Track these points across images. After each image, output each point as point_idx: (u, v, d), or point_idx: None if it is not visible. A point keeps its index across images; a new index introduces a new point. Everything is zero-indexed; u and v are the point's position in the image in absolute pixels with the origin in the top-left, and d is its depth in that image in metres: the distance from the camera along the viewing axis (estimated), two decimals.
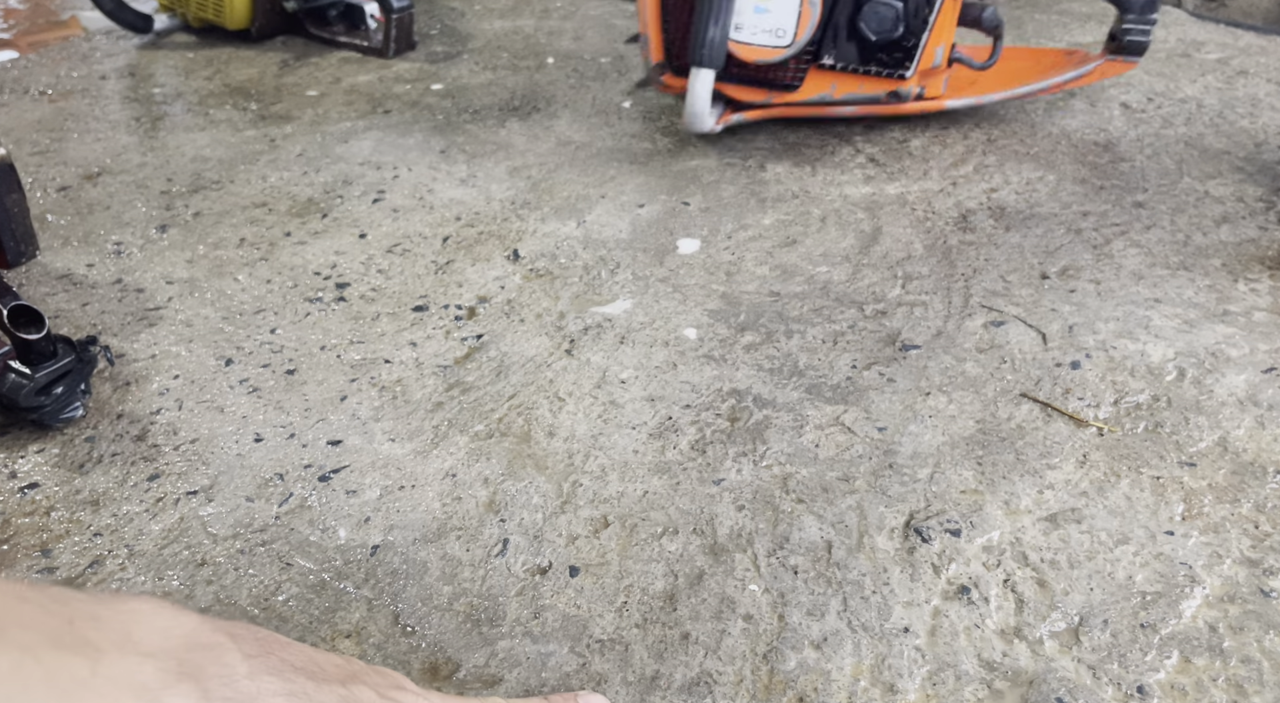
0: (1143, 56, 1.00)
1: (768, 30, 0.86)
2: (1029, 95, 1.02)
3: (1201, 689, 0.50)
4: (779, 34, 0.86)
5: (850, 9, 0.88)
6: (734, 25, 0.87)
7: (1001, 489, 0.62)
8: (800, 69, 0.94)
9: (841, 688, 0.50)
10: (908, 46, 0.88)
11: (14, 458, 0.66)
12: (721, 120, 0.98)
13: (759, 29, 0.86)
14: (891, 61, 0.91)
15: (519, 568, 0.57)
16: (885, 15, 0.85)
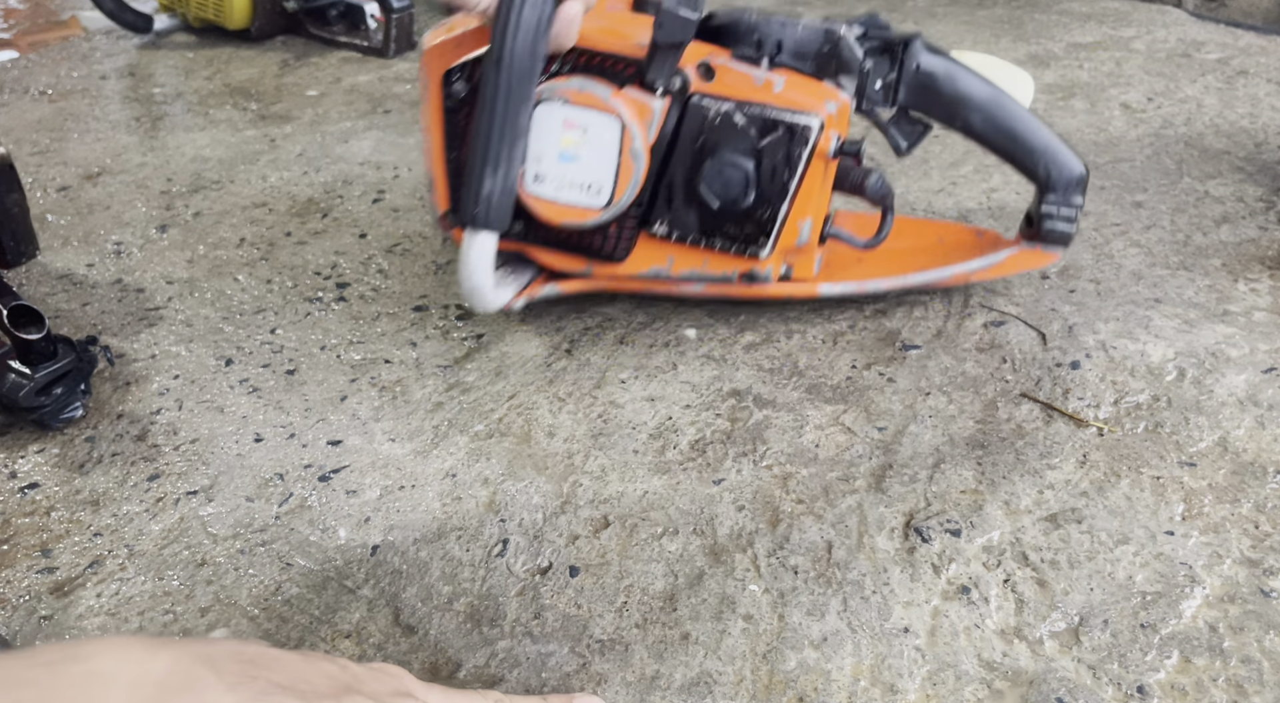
0: (1067, 247, 0.75)
1: (578, 185, 0.63)
2: (925, 286, 0.78)
3: (1201, 689, 0.50)
4: (594, 191, 0.63)
5: (688, 166, 0.65)
6: (533, 175, 0.63)
7: (1001, 489, 0.63)
8: (626, 236, 0.69)
9: (841, 688, 0.50)
10: (762, 219, 0.65)
11: (14, 458, 0.66)
12: (525, 293, 0.73)
13: (567, 182, 0.62)
14: (742, 236, 0.66)
15: (519, 568, 0.57)
16: (731, 178, 0.63)
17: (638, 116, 0.62)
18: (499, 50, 0.57)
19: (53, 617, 0.55)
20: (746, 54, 0.64)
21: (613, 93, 0.62)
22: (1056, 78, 1.26)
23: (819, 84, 0.66)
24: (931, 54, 0.67)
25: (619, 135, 0.62)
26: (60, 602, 0.56)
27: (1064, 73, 1.28)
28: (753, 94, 0.64)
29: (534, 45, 0.57)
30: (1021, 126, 0.68)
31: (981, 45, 1.38)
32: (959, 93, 0.67)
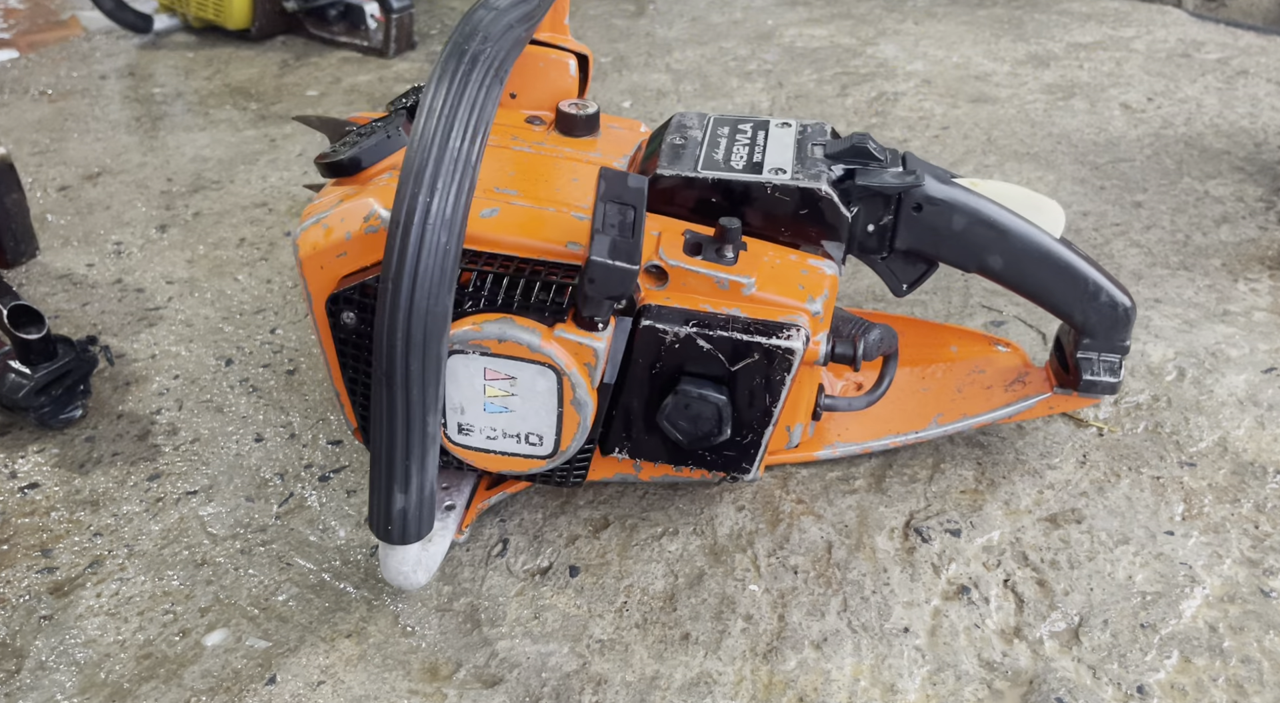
0: (1113, 394, 0.61)
1: (514, 435, 0.51)
2: (940, 438, 0.65)
3: (1201, 689, 0.50)
4: (534, 441, 0.51)
5: (645, 396, 0.52)
6: (456, 425, 0.51)
7: (1001, 489, 0.63)
8: (579, 464, 0.56)
9: (841, 688, 0.50)
10: (743, 445, 0.53)
11: (14, 458, 0.66)
12: (469, 521, 0.59)
13: (500, 432, 0.51)
14: (720, 463, 0.55)
15: (519, 568, 0.57)
16: (700, 413, 0.51)
17: (578, 363, 0.49)
18: (393, 324, 0.40)
19: (53, 617, 0.55)
20: (704, 242, 0.50)
21: (542, 337, 0.47)
22: (1056, 78, 1.26)
23: (799, 265, 0.52)
24: (938, 188, 0.52)
25: (556, 385, 0.49)
26: (60, 602, 0.56)
27: (1064, 73, 1.28)
28: (718, 301, 0.50)
29: (441, 296, 0.40)
30: (1052, 267, 0.55)
31: (981, 45, 1.38)
32: (973, 233, 0.53)
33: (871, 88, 1.25)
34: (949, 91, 1.23)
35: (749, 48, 1.39)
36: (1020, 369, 0.64)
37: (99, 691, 0.51)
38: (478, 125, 0.40)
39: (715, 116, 0.58)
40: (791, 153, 0.54)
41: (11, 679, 0.51)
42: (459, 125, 0.40)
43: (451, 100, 0.40)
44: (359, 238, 0.48)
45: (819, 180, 0.51)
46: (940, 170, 0.54)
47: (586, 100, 0.59)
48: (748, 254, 0.51)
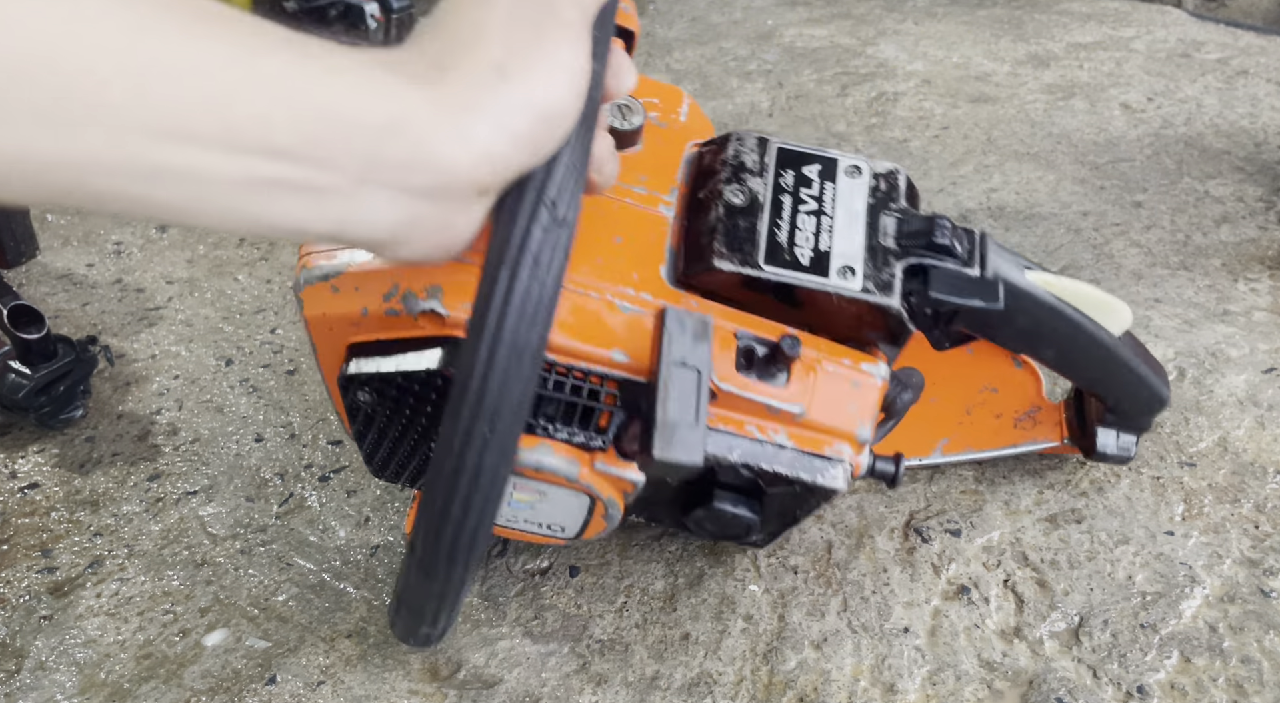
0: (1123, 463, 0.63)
1: (536, 522, 0.50)
2: (942, 465, 0.64)
3: (1201, 689, 0.50)
4: (556, 530, 0.50)
5: (671, 498, 0.50)
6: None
7: (1001, 489, 0.63)
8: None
9: (841, 688, 0.50)
10: (764, 533, 0.53)
11: (14, 458, 0.66)
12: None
13: (521, 518, 0.49)
14: (743, 542, 0.54)
15: (519, 568, 0.57)
16: (730, 525, 0.49)
17: (615, 491, 0.46)
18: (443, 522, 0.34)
19: (52, 617, 0.55)
20: (757, 353, 0.45)
21: (581, 470, 0.44)
22: (1056, 78, 1.26)
23: (851, 376, 0.46)
24: (1012, 286, 0.48)
25: (588, 505, 0.47)
26: (60, 602, 0.56)
27: (1064, 73, 1.28)
28: (764, 422, 0.46)
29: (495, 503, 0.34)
30: (1102, 365, 0.54)
31: (981, 45, 1.38)
32: (1035, 331, 0.51)
33: (871, 88, 1.25)
34: (949, 91, 1.23)
35: (749, 48, 1.39)
36: (1033, 401, 0.62)
37: (99, 691, 0.51)
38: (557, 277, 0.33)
39: (779, 148, 0.49)
40: (862, 236, 0.46)
41: (11, 679, 0.51)
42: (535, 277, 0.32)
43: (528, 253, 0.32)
44: (376, 316, 0.43)
45: (890, 293, 0.45)
46: (1015, 259, 0.49)
47: (632, 103, 0.50)
48: (800, 362, 0.46)
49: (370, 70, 0.30)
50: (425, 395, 0.43)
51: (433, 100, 0.30)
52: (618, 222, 0.47)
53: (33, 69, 0.24)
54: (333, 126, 0.29)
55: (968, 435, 0.62)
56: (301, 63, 0.28)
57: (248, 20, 0.28)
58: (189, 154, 0.27)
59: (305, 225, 0.30)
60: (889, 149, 1.08)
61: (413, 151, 0.30)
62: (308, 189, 0.29)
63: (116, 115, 0.26)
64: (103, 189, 0.27)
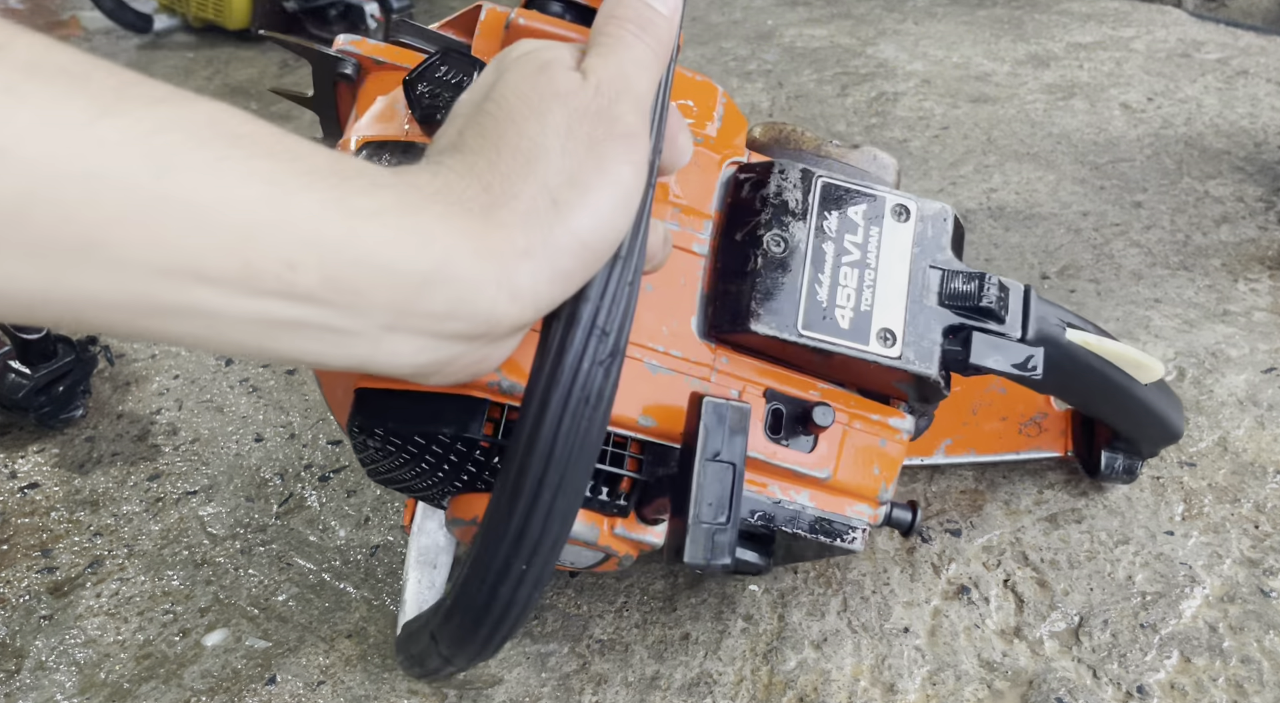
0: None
1: None
2: (943, 465, 0.64)
3: (1201, 689, 0.50)
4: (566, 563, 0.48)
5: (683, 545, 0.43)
6: None
7: (1001, 489, 0.62)
8: None
9: (841, 688, 0.50)
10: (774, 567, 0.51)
11: (14, 458, 0.66)
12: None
13: None
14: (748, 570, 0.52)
15: None
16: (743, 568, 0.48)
17: (633, 551, 0.45)
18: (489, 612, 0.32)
19: (52, 617, 0.55)
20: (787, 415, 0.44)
21: (600, 535, 0.43)
22: (1056, 78, 1.26)
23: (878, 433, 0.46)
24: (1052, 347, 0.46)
25: (602, 559, 0.46)
26: (60, 602, 0.56)
27: (1064, 73, 1.28)
28: (788, 487, 0.45)
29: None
30: (1125, 410, 0.55)
31: (981, 45, 1.38)
32: (1067, 384, 0.51)
33: (871, 88, 1.25)
34: (949, 91, 1.23)
35: (749, 48, 1.39)
36: (1040, 408, 0.61)
37: (99, 691, 0.51)
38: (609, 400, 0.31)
39: (824, 183, 0.45)
40: (904, 296, 0.44)
41: (11, 679, 0.51)
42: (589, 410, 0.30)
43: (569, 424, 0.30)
44: None
45: (930, 363, 0.43)
46: (1058, 315, 0.47)
47: None
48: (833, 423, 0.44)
49: (415, 207, 0.27)
50: (444, 456, 0.41)
51: (480, 247, 0.27)
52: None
53: (28, 201, 0.21)
54: (366, 274, 0.26)
55: (971, 438, 0.62)
56: (339, 201, 0.25)
57: (287, 146, 0.26)
58: (201, 294, 0.24)
59: (322, 361, 0.28)
60: (889, 149, 1.08)
61: (454, 303, 0.28)
62: (329, 331, 0.27)
63: (121, 254, 0.23)
64: (100, 322, 0.24)
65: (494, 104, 0.30)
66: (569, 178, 0.29)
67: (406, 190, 0.27)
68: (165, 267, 0.24)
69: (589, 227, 0.29)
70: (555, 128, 0.29)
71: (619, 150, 0.30)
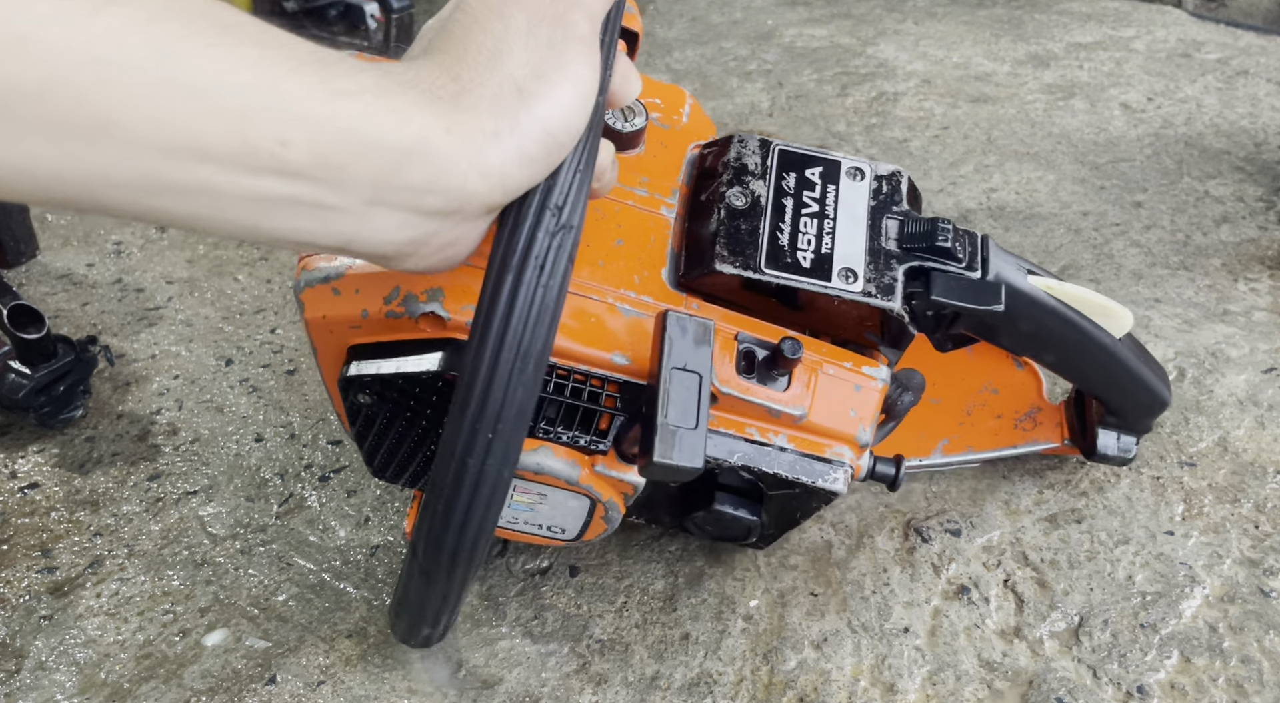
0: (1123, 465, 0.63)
1: (537, 525, 0.50)
2: (941, 467, 0.63)
3: (1201, 689, 0.50)
4: (556, 531, 0.50)
5: (673, 501, 0.51)
6: None
7: (1001, 489, 0.63)
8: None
9: (841, 688, 0.50)
10: (764, 535, 0.53)
11: (14, 458, 0.66)
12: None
13: (522, 521, 0.49)
14: (742, 543, 0.54)
15: (519, 568, 0.57)
16: (730, 527, 0.50)
17: (615, 493, 0.46)
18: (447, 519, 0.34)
19: (52, 617, 0.55)
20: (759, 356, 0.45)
21: (581, 473, 0.44)
22: (1056, 78, 1.26)
23: (852, 379, 0.47)
24: (1013, 289, 0.48)
25: (588, 507, 0.47)
26: (60, 602, 0.56)
27: (1064, 73, 1.28)
28: (766, 428, 0.46)
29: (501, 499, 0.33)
30: (1103, 368, 0.54)
31: (981, 45, 1.38)
32: (1037, 334, 0.51)
33: (871, 88, 1.25)
34: (949, 91, 1.23)
35: (749, 48, 1.39)
36: (1033, 402, 0.62)
37: (99, 691, 0.51)
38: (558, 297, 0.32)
39: (780, 150, 0.48)
40: (864, 239, 0.46)
41: (11, 679, 0.51)
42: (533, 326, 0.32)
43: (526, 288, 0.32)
44: (377, 319, 0.43)
45: (892, 296, 0.45)
46: (1017, 263, 0.49)
47: (634, 105, 0.50)
48: (801, 365, 0.46)
49: (391, 91, 0.30)
50: (426, 398, 0.43)
51: (453, 125, 0.30)
52: (619, 224, 0.47)
53: (49, 84, 0.24)
54: (350, 149, 0.29)
55: (968, 436, 0.62)
56: (324, 83, 0.28)
57: (273, 35, 0.28)
58: (202, 172, 0.27)
59: (312, 239, 0.31)
60: (889, 149, 1.08)
61: (430, 177, 0.30)
62: (318, 207, 0.29)
63: (131, 134, 0.25)
64: (109, 201, 0.27)
65: (459, 13, 0.33)
66: (533, 71, 0.32)
67: (383, 76, 0.30)
68: (170, 146, 0.26)
69: (552, 116, 0.32)
70: (517, 28, 0.32)
71: (576, 51, 0.33)
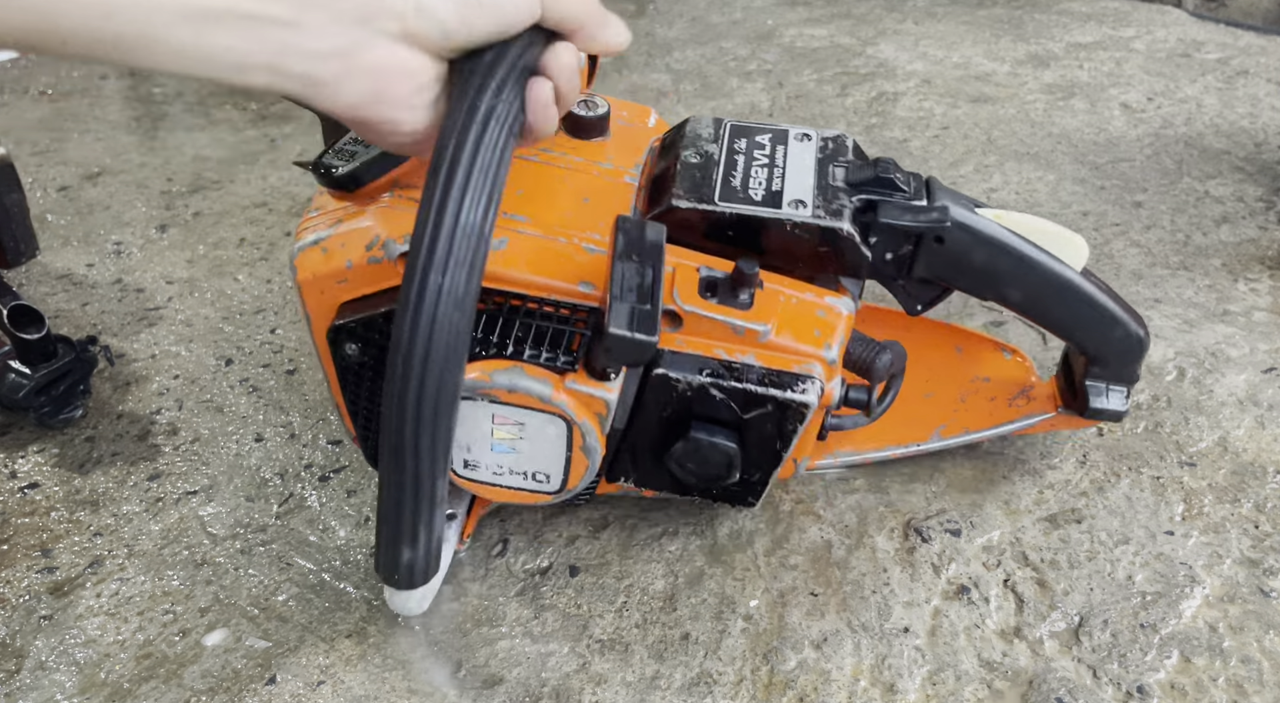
0: (1119, 421, 0.63)
1: (520, 473, 0.50)
2: (940, 450, 0.64)
3: (1201, 689, 0.50)
4: (541, 479, 0.51)
5: (653, 438, 0.51)
6: (462, 461, 0.50)
7: (1001, 489, 0.63)
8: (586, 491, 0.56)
9: (841, 688, 0.50)
10: (750, 482, 0.53)
11: (14, 458, 0.66)
12: (469, 530, 0.59)
13: (506, 470, 0.50)
14: (726, 496, 0.55)
15: (519, 568, 0.57)
16: (710, 459, 0.50)
17: (589, 413, 0.47)
18: (402, 403, 0.37)
19: (52, 617, 0.55)
20: (720, 282, 0.47)
21: (553, 389, 0.46)
22: (1056, 78, 1.26)
23: (815, 306, 0.49)
24: (961, 221, 0.50)
25: (565, 432, 0.48)
26: (60, 602, 0.56)
27: (1064, 73, 1.28)
28: (732, 346, 0.48)
29: (451, 375, 0.37)
30: (1070, 302, 0.54)
31: (981, 45, 1.38)
32: (994, 267, 0.52)
33: (871, 87, 1.25)
34: (949, 91, 1.23)
35: (749, 48, 1.39)
36: (1025, 382, 0.63)
37: (99, 691, 0.51)
38: (492, 192, 0.37)
39: (732, 124, 0.53)
40: (812, 179, 0.50)
41: (11, 679, 0.51)
42: (472, 196, 0.36)
43: (464, 167, 0.36)
44: (361, 267, 0.46)
45: (840, 218, 0.48)
46: (965, 199, 0.51)
47: (595, 97, 0.55)
48: (764, 294, 0.48)
49: None
50: None
51: None
52: (586, 188, 0.51)
53: None
54: None
55: (964, 419, 0.63)
56: None
57: None
58: None
59: (250, 54, 0.34)
60: (889, 149, 1.08)
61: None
62: (251, 18, 0.33)
63: None
64: (65, 26, 0.30)
65: None
66: None
67: None
68: None
69: None
70: None
71: None
